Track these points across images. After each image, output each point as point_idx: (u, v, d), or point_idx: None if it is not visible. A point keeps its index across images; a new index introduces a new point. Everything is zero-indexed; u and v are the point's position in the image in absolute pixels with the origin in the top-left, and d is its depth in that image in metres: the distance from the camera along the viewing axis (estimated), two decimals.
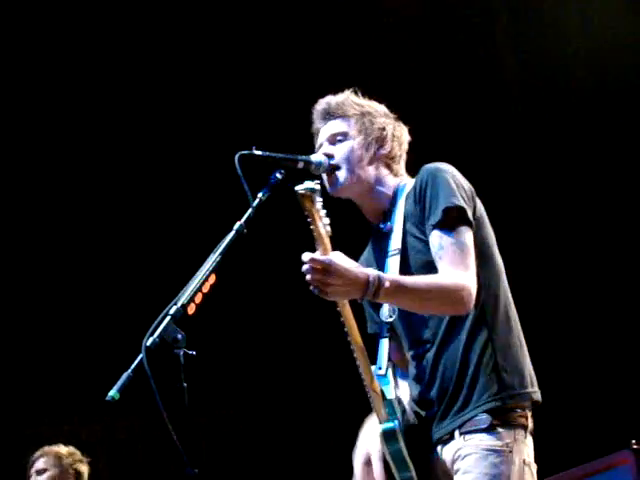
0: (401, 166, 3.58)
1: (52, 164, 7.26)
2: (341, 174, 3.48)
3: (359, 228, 3.64)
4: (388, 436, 3.32)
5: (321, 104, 3.61)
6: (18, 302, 7.44)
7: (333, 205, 3.56)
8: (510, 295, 3.45)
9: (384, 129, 3.54)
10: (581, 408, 6.60)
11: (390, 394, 3.34)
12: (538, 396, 3.35)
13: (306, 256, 3.10)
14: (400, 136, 3.58)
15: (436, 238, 3.29)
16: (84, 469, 5.57)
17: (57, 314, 7.46)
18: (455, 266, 3.24)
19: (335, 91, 3.62)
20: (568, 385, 6.29)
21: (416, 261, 3.36)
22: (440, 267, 3.26)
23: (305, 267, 3.09)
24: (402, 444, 3.31)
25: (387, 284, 3.14)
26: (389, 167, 3.54)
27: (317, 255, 3.10)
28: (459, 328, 3.33)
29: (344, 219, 4.00)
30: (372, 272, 3.16)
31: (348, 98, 3.59)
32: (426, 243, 3.34)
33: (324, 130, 3.57)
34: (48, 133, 7.21)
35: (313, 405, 7.46)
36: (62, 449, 5.55)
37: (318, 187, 3.10)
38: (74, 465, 5.51)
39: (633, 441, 5.68)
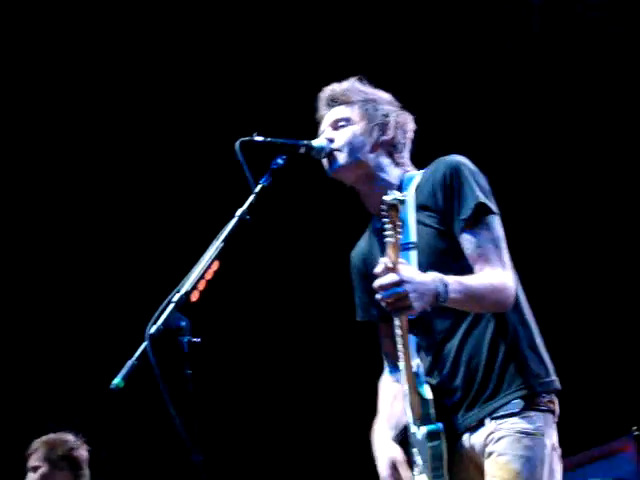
0: (405, 155, 3.55)
1: (46, 159, 7.25)
2: (341, 156, 3.47)
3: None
4: (433, 436, 3.31)
5: (326, 91, 3.60)
6: (17, 290, 7.44)
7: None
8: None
9: (387, 116, 3.52)
10: (582, 395, 6.60)
11: (428, 394, 3.34)
12: (559, 384, 3.39)
13: (377, 271, 3.06)
14: (404, 124, 3.56)
15: (470, 236, 3.29)
16: (80, 454, 5.42)
17: (58, 305, 7.47)
18: (495, 264, 3.26)
19: (340, 78, 3.62)
20: (569, 372, 6.29)
21: (429, 251, 3.35)
22: (479, 265, 3.27)
23: (378, 283, 3.06)
24: (444, 445, 3.31)
25: (454, 284, 3.14)
26: (391, 155, 3.52)
27: (396, 279, 3.04)
28: (484, 317, 3.34)
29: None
30: (435, 274, 3.15)
31: (353, 85, 3.58)
32: (442, 232, 3.33)
33: (327, 116, 3.57)
34: (46, 130, 7.20)
35: (318, 392, 7.46)
36: (52, 440, 5.39)
37: (405, 198, 3.09)
38: (68, 454, 5.40)
39: (634, 428, 5.70)
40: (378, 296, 3.07)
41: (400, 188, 3.45)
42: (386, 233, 3.06)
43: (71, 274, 7.50)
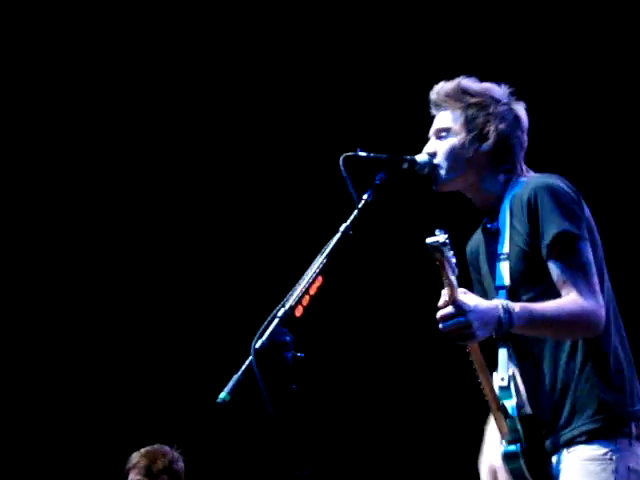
0: (514, 161, 3.46)
1: (68, 165, 7.35)
2: (442, 171, 3.44)
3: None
4: (509, 458, 3.30)
5: (432, 92, 3.53)
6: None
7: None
8: (616, 308, 3.38)
9: (487, 122, 3.43)
10: None
11: (513, 411, 3.31)
12: None
13: (439, 314, 3.06)
14: (509, 130, 3.45)
15: (555, 264, 3.24)
16: (179, 467, 5.48)
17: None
18: (579, 289, 3.19)
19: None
20: None
21: (517, 269, 3.32)
22: (564, 292, 3.21)
23: (440, 319, 3.06)
24: (523, 464, 3.28)
25: (518, 310, 3.11)
26: (496, 164, 3.45)
27: (453, 311, 3.05)
28: (562, 345, 3.30)
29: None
30: (499, 301, 3.14)
31: (457, 86, 3.49)
32: (526, 253, 3.29)
33: (434, 122, 3.53)
34: (61, 132, 7.30)
35: (425, 407, 7.41)
36: (152, 453, 5.44)
37: (448, 241, 3.06)
38: (168, 467, 5.43)
39: None
40: (440, 326, 3.06)
41: (503, 196, 3.41)
42: (443, 278, 3.06)
43: (178, 285, 7.58)
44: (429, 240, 3.03)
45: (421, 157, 3.45)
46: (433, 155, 3.46)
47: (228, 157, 7.36)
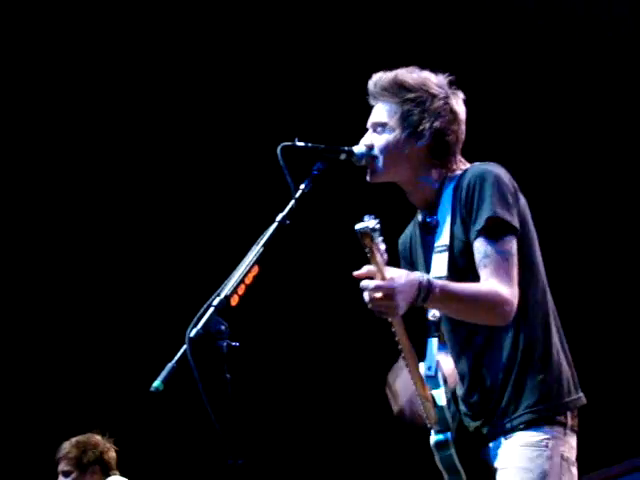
0: (449, 156, 3.47)
1: (71, 165, 7.32)
2: (378, 164, 3.46)
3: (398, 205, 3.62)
4: (440, 446, 3.36)
5: (370, 84, 3.53)
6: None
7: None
8: (551, 299, 3.43)
9: (423, 119, 3.43)
10: (600, 411, 6.56)
11: (441, 400, 3.35)
12: (580, 401, 3.36)
13: (362, 285, 3.07)
14: (444, 126, 3.46)
15: (481, 245, 3.27)
16: (110, 456, 5.44)
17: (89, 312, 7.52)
18: (499, 277, 3.22)
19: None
20: (588, 388, 6.23)
21: (460, 261, 3.35)
22: (484, 275, 3.25)
23: (365, 297, 3.06)
24: (453, 451, 3.34)
25: (437, 290, 3.13)
26: (430, 159, 3.46)
27: (380, 282, 3.05)
28: (500, 336, 3.33)
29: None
30: (423, 277, 3.15)
31: (394, 79, 3.48)
32: (467, 245, 3.32)
33: (372, 114, 3.53)
34: (67, 132, 7.26)
35: (357, 396, 7.45)
36: (82, 443, 5.42)
37: (378, 226, 3.06)
38: (99, 457, 5.41)
39: None
40: (366, 295, 3.06)
41: (440, 190, 3.44)
42: (372, 263, 3.06)
43: (112, 277, 7.54)
44: (358, 226, 3.04)
45: (358, 149, 3.46)
46: (370, 147, 3.47)
47: (165, 146, 7.33)
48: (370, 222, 3.04)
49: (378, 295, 3.04)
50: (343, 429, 7.50)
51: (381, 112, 3.50)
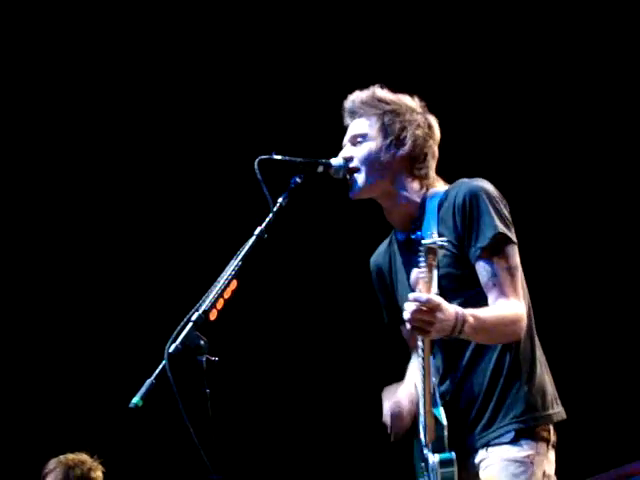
0: (427, 168, 3.49)
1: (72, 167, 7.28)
2: (359, 177, 3.46)
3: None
4: (445, 464, 3.33)
5: (347, 101, 3.56)
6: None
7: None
8: (532, 315, 3.44)
9: (404, 129, 3.46)
10: (595, 418, 6.56)
11: (443, 419, 3.34)
12: (561, 415, 3.39)
13: (413, 296, 3.10)
14: (423, 136, 3.49)
15: (487, 263, 3.29)
16: (97, 475, 5.43)
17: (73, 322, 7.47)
18: (509, 295, 3.27)
19: (363, 87, 3.58)
20: (582, 395, 6.24)
21: (448, 275, 3.34)
22: (495, 294, 3.28)
23: (411, 306, 3.08)
24: (455, 470, 3.32)
25: (471, 320, 3.16)
26: (411, 170, 3.47)
27: (427, 295, 3.09)
28: (487, 349, 3.35)
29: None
30: (457, 308, 3.16)
31: (373, 94, 3.53)
32: (457, 257, 3.33)
33: (349, 130, 3.54)
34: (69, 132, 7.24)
35: (341, 415, 7.43)
36: (69, 460, 5.41)
37: (446, 244, 3.11)
38: (86, 475, 5.39)
39: None
40: (406, 314, 3.08)
41: (423, 206, 3.44)
42: (420, 273, 3.09)
43: (87, 290, 7.50)
44: (426, 241, 3.08)
45: (336, 161, 3.46)
46: (349, 159, 3.47)
47: (144, 158, 7.30)
48: (437, 238, 3.09)
49: (425, 308, 3.06)
50: (328, 445, 7.47)
51: (361, 125, 3.51)
